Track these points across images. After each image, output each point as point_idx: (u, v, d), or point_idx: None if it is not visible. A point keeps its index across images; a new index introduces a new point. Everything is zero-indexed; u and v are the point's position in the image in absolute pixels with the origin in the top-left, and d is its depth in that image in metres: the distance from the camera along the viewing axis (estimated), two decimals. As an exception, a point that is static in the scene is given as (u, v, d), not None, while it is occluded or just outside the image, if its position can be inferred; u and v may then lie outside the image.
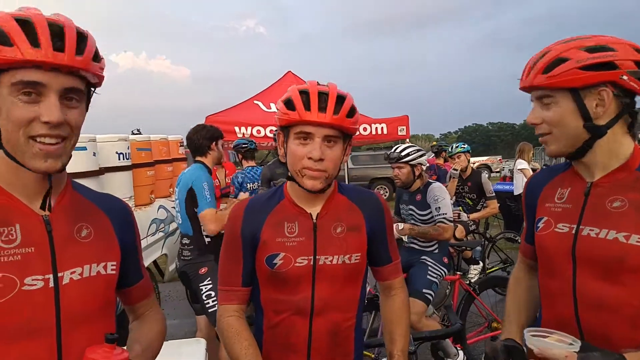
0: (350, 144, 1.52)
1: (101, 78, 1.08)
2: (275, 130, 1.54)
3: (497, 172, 23.83)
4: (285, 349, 1.50)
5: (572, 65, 1.23)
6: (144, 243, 4.33)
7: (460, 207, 5.75)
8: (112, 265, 1.15)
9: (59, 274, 1.03)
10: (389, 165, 3.83)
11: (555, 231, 1.37)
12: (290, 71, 10.52)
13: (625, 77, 1.21)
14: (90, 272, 1.09)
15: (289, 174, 1.50)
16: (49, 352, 1.01)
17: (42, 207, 1.06)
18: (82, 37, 1.01)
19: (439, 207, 3.60)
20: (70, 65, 0.97)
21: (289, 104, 1.41)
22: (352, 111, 1.43)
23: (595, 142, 1.28)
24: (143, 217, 4.44)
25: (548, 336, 1.20)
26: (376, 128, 8.84)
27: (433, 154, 8.07)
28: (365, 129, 8.78)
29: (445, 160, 7.52)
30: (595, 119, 1.25)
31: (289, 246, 1.47)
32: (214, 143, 3.49)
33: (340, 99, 1.41)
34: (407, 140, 8.96)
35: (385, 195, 15.90)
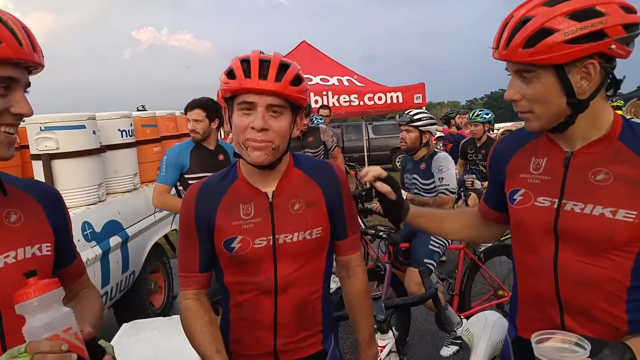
0: (301, 116, 1.45)
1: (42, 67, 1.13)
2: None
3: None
4: (253, 325, 1.49)
5: (559, 39, 1.08)
6: (151, 219, 4.39)
7: (474, 175, 5.61)
8: (46, 246, 1.15)
9: None
10: None
11: (535, 205, 1.29)
12: (304, 41, 10.35)
13: (614, 47, 1.08)
14: (25, 255, 1.09)
15: (235, 151, 1.43)
16: None
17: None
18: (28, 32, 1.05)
19: (442, 178, 3.50)
20: (38, 63, 1.06)
21: (230, 73, 1.34)
22: (298, 79, 1.35)
23: (578, 116, 1.19)
24: (150, 194, 4.46)
25: (552, 337, 1.12)
26: (391, 97, 8.67)
27: (444, 124, 7.93)
28: (380, 98, 8.63)
29: (459, 128, 7.36)
30: (579, 94, 1.15)
31: (246, 228, 1.42)
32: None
33: (284, 66, 1.33)
34: (424, 107, 8.77)
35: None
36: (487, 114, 5.65)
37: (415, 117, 3.57)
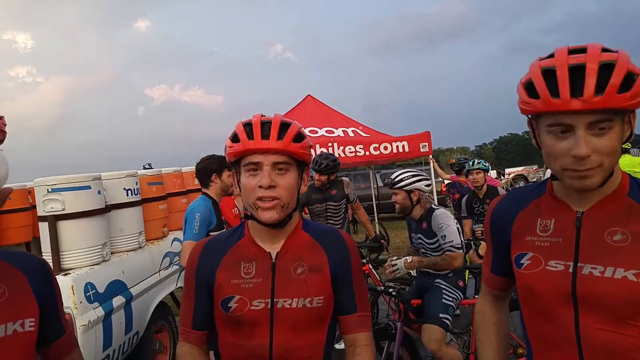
0: (307, 172, 1.47)
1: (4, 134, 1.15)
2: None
3: (534, 181, 23.06)
4: None
5: None
6: (156, 277, 4.32)
7: (482, 225, 5.54)
8: (30, 322, 1.11)
9: None
10: None
11: (547, 270, 1.21)
12: (309, 95, 10.53)
13: None
14: (5, 332, 1.05)
15: (248, 213, 1.43)
16: None
17: None
18: None
19: (445, 235, 3.42)
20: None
21: (234, 138, 1.38)
22: (300, 136, 1.38)
23: None
24: (155, 252, 4.45)
25: None
26: (397, 146, 8.66)
27: (454, 172, 7.89)
28: (385, 148, 8.62)
29: (467, 177, 7.33)
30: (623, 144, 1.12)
31: (245, 288, 1.38)
32: (214, 175, 3.43)
33: (285, 125, 1.37)
34: (431, 156, 8.77)
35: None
36: (485, 163, 5.82)
37: (396, 180, 3.53)
